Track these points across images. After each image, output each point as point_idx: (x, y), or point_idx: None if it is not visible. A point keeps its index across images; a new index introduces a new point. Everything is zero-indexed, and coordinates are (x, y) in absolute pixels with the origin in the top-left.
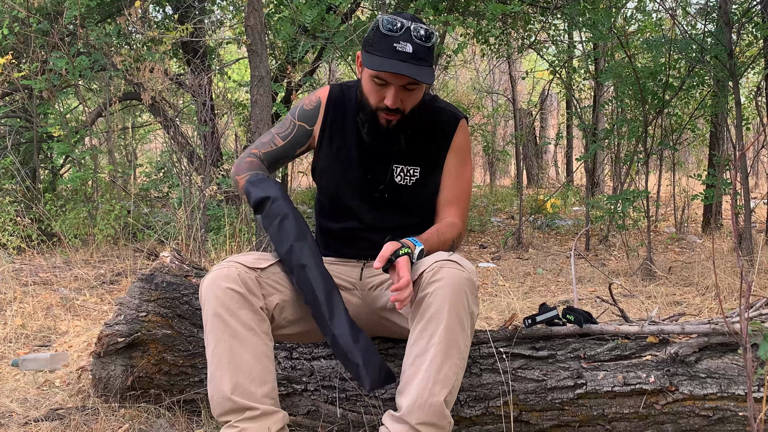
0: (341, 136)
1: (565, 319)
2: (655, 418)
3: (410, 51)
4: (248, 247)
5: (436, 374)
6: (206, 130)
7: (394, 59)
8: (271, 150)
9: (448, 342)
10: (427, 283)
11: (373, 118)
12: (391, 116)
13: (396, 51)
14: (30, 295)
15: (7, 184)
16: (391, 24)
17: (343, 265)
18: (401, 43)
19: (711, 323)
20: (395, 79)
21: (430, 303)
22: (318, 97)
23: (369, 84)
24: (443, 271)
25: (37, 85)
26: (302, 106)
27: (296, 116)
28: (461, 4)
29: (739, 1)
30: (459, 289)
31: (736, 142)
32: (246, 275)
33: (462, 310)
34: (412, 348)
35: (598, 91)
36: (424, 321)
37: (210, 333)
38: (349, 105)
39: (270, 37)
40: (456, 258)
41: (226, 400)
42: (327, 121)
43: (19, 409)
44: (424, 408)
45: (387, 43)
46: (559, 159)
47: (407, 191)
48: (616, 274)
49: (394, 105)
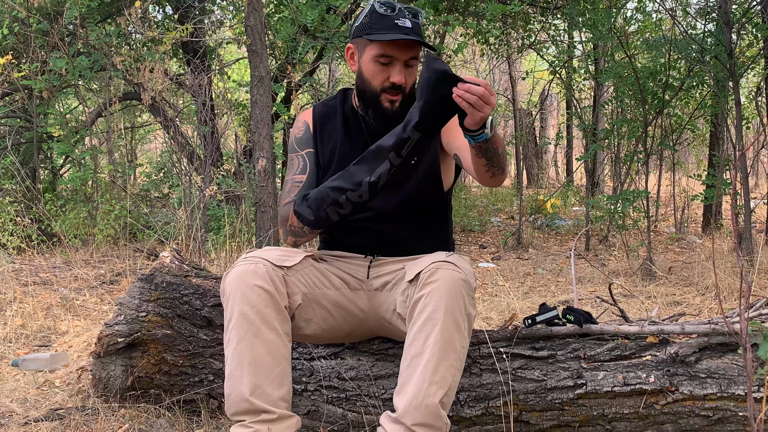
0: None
1: (565, 319)
2: (655, 418)
3: (410, 26)
4: (248, 247)
5: (432, 375)
6: (206, 130)
7: (400, 33)
8: (300, 187)
9: (444, 343)
10: (423, 284)
11: (376, 103)
12: (394, 96)
13: (398, 26)
14: (30, 295)
15: (7, 184)
16: (386, 5)
17: (350, 262)
18: (401, 19)
19: (711, 323)
20: (402, 53)
21: (426, 304)
22: (303, 121)
23: (371, 66)
24: (439, 272)
25: (37, 85)
26: (294, 137)
27: (297, 148)
28: (461, 4)
29: (739, 1)
30: (455, 291)
31: (736, 142)
32: (273, 273)
33: (458, 311)
34: (408, 349)
35: (598, 91)
36: (421, 322)
37: (233, 329)
38: (339, 112)
39: (270, 37)
40: (453, 259)
41: (244, 400)
42: (317, 135)
43: (19, 409)
44: (420, 409)
45: (388, 22)
46: (559, 159)
47: (408, 178)
48: (616, 274)
49: (401, 81)
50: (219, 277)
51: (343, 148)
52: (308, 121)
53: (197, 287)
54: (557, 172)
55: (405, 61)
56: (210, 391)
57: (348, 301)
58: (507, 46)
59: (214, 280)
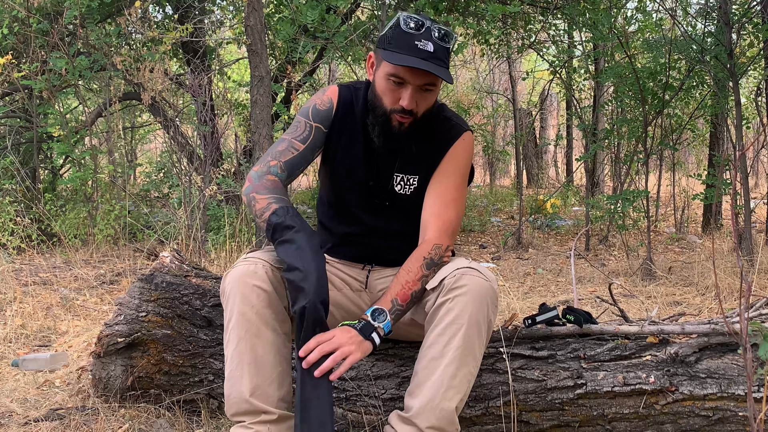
0: (349, 140)
1: (565, 319)
2: (655, 418)
3: (431, 50)
4: (248, 247)
5: (450, 380)
6: (206, 130)
7: (416, 56)
8: (292, 157)
9: (465, 349)
10: (449, 290)
11: (386, 120)
12: (404, 118)
13: (417, 48)
14: (30, 295)
15: (7, 184)
16: (413, 22)
17: (348, 267)
18: (422, 41)
19: (711, 323)
20: (414, 78)
21: (450, 308)
22: (329, 98)
23: (384, 84)
24: (465, 278)
25: (37, 85)
26: (314, 105)
27: (311, 117)
28: (461, 4)
29: (739, 1)
30: (481, 298)
31: (736, 142)
32: (273, 273)
33: (482, 318)
34: (427, 350)
35: (598, 91)
36: (443, 325)
37: (233, 330)
38: (357, 108)
39: (270, 37)
40: (476, 266)
41: (244, 401)
42: (337, 122)
43: (19, 409)
44: (436, 412)
45: (408, 41)
46: (559, 159)
47: (406, 200)
48: (616, 274)
49: (410, 106)
50: (219, 277)
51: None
52: (334, 101)
53: (197, 287)
54: (557, 172)
55: (419, 85)
56: (210, 391)
57: (349, 301)
58: (507, 46)
59: (214, 280)
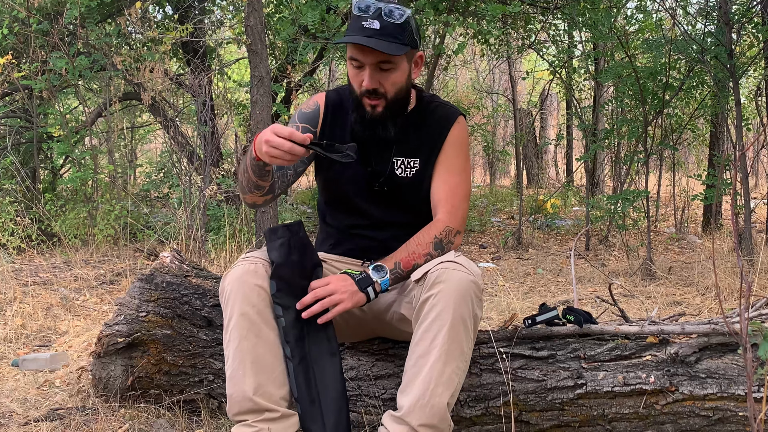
0: (342, 132)
1: (565, 319)
2: (655, 419)
3: (377, 27)
4: (248, 247)
5: (439, 376)
6: (206, 130)
7: (361, 35)
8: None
9: (451, 344)
10: (432, 285)
11: (359, 105)
12: (374, 101)
13: (363, 28)
14: (30, 295)
15: (7, 184)
16: (362, 4)
17: (347, 264)
18: (368, 20)
19: (711, 323)
20: (365, 56)
21: (434, 304)
22: (315, 102)
23: (349, 70)
24: (448, 273)
25: (37, 85)
26: (300, 110)
27: (296, 119)
28: (461, 4)
29: (739, 1)
30: (464, 292)
31: (736, 142)
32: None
33: (466, 312)
34: (415, 348)
35: (598, 91)
36: (428, 322)
37: (234, 329)
38: (347, 105)
39: (270, 37)
40: (461, 260)
41: (247, 400)
42: (327, 122)
43: (19, 409)
44: (426, 409)
45: (357, 22)
46: (559, 159)
47: (407, 184)
48: (616, 274)
49: (370, 85)
50: (219, 277)
51: (341, 140)
52: (320, 104)
53: (197, 287)
54: (557, 172)
55: (374, 64)
56: (210, 391)
57: None
58: (507, 46)
59: (214, 280)
